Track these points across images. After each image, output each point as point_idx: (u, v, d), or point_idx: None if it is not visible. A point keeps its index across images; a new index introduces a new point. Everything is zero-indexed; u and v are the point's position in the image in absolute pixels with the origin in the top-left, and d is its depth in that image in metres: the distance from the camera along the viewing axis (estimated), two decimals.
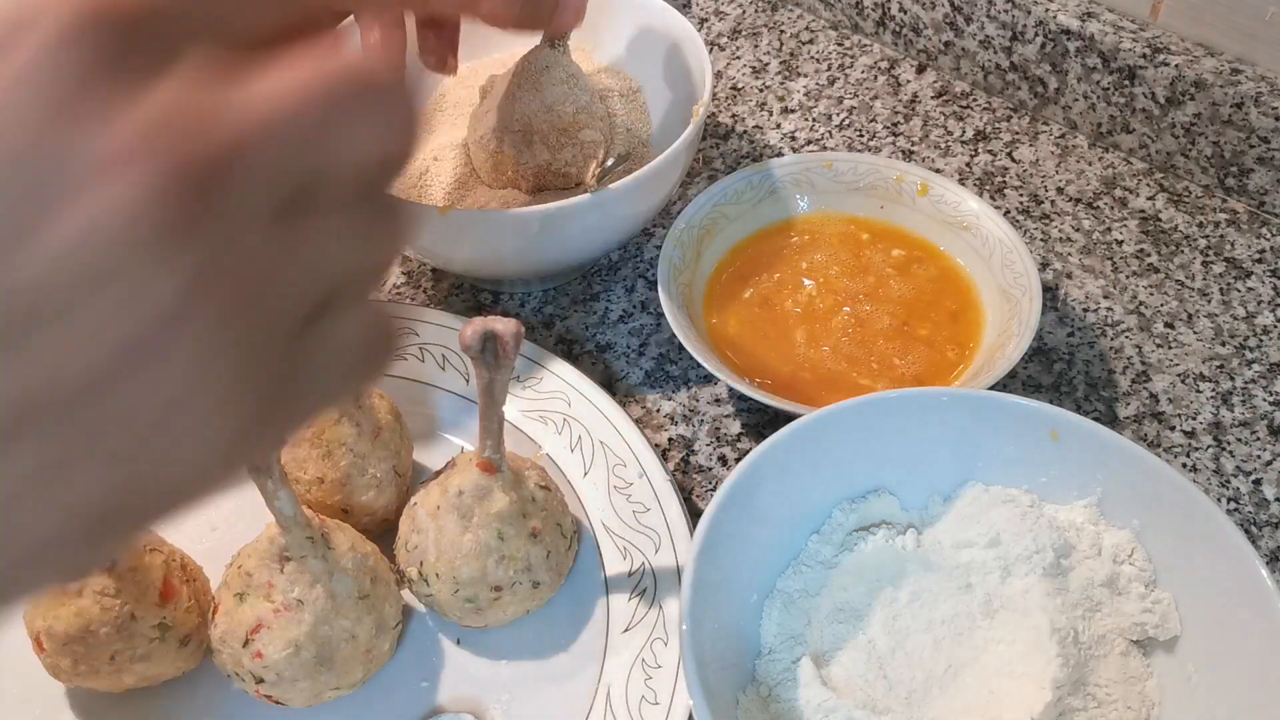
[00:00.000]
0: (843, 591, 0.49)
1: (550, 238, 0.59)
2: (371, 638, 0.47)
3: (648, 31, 0.70)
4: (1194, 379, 0.63)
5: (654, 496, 0.54)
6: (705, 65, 0.64)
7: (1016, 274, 0.61)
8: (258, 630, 0.45)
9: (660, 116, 0.70)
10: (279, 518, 0.44)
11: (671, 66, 0.69)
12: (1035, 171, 0.75)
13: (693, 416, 0.62)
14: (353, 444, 0.51)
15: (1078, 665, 0.46)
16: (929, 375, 0.60)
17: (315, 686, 0.46)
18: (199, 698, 0.50)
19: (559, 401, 0.59)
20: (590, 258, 0.66)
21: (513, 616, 0.51)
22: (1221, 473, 0.59)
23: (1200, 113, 0.70)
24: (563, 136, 0.64)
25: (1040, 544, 0.49)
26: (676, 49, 0.68)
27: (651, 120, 0.71)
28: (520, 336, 0.44)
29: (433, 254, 0.61)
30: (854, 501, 0.51)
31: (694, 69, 0.66)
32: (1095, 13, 0.74)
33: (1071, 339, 0.65)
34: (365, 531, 0.51)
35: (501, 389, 0.46)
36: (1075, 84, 0.75)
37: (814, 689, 0.45)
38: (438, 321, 0.62)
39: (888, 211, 0.67)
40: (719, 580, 0.46)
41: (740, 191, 0.66)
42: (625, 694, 0.49)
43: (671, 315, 0.58)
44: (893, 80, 0.83)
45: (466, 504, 0.48)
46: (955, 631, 0.47)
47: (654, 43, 0.70)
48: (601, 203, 0.58)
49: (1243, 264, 0.69)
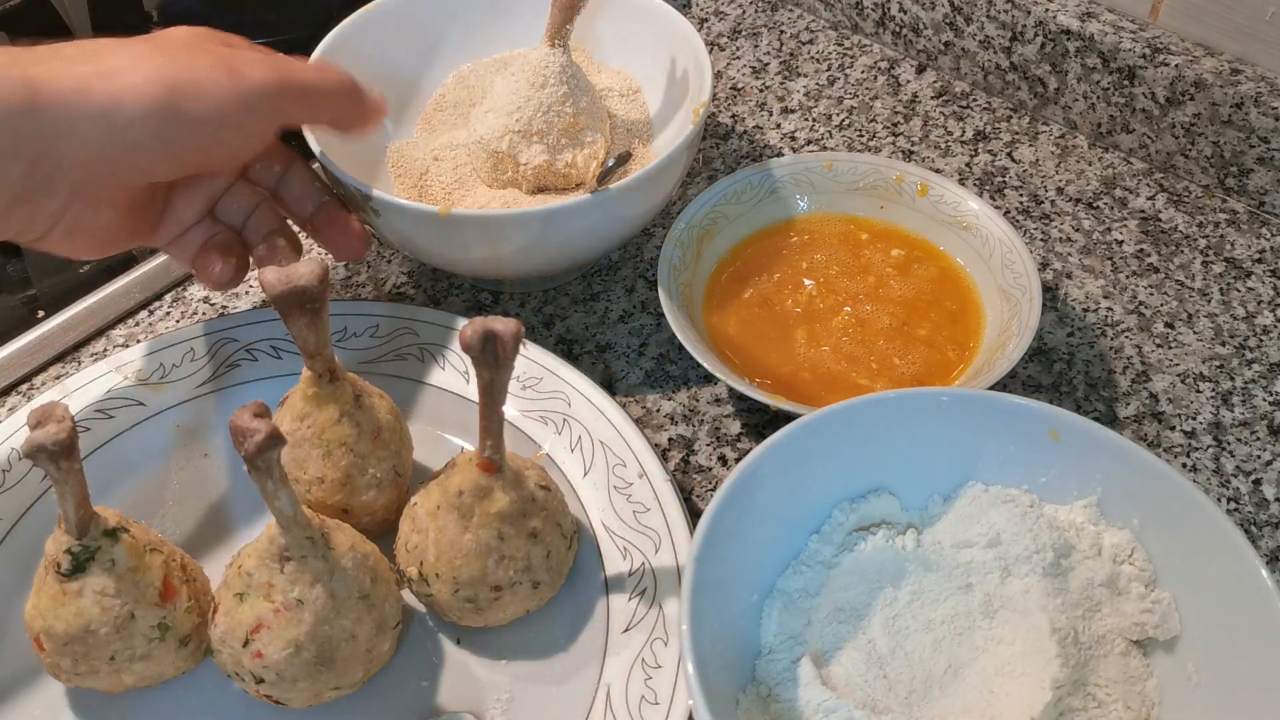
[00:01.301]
0: (843, 591, 0.49)
1: (550, 238, 0.59)
2: (371, 638, 0.47)
3: (648, 32, 0.70)
4: (1194, 379, 0.63)
5: (654, 496, 0.54)
6: (705, 66, 0.64)
7: (1016, 274, 0.61)
8: (258, 630, 0.45)
9: (660, 117, 0.70)
10: (279, 518, 0.44)
11: (672, 67, 0.69)
12: (1035, 171, 0.75)
13: (693, 416, 0.62)
14: (353, 444, 0.51)
15: (1078, 665, 0.46)
16: (929, 375, 0.60)
17: (315, 686, 0.46)
18: (199, 698, 0.50)
19: (559, 401, 0.59)
20: (590, 258, 0.66)
21: (513, 616, 0.51)
22: (1221, 473, 0.59)
23: (1200, 113, 0.70)
24: (563, 137, 0.64)
25: (1040, 544, 0.49)
26: (677, 50, 0.68)
27: (652, 120, 0.71)
28: (520, 336, 0.44)
29: (432, 255, 0.61)
30: (854, 501, 0.51)
31: (694, 70, 0.66)
32: (1095, 13, 0.74)
33: (1071, 339, 0.65)
34: (365, 531, 0.51)
35: (501, 389, 0.46)
36: (1075, 84, 0.75)
37: (814, 689, 0.45)
38: (438, 321, 0.62)
39: (888, 212, 0.67)
40: (719, 580, 0.46)
41: (740, 192, 0.66)
42: (625, 694, 0.49)
43: (671, 315, 0.58)
44: (893, 80, 0.83)
45: (466, 504, 0.48)
46: (955, 631, 0.47)
47: (654, 43, 0.70)
48: (601, 203, 0.58)
49: (1243, 264, 0.69)
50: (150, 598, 0.46)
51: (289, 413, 0.52)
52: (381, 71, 0.68)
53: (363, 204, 0.58)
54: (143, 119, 0.46)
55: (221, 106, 0.48)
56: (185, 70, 0.48)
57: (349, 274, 0.70)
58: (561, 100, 0.63)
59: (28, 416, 0.44)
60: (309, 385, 0.51)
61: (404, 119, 0.72)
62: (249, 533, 0.52)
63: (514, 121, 0.63)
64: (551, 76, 0.63)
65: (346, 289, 0.69)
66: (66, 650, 0.46)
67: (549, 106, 0.63)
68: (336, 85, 0.54)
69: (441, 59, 0.73)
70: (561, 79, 0.63)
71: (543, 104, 0.63)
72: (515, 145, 0.64)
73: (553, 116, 0.63)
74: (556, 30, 0.63)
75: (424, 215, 0.57)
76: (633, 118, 0.70)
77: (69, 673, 0.47)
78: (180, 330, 0.63)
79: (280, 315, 0.49)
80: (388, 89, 0.69)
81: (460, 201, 0.66)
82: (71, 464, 0.43)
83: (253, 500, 0.44)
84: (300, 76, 0.52)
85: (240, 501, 0.57)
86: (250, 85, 0.49)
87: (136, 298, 0.68)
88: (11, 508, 0.55)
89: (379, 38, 0.69)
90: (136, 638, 0.46)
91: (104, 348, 0.66)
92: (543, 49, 0.63)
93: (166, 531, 0.55)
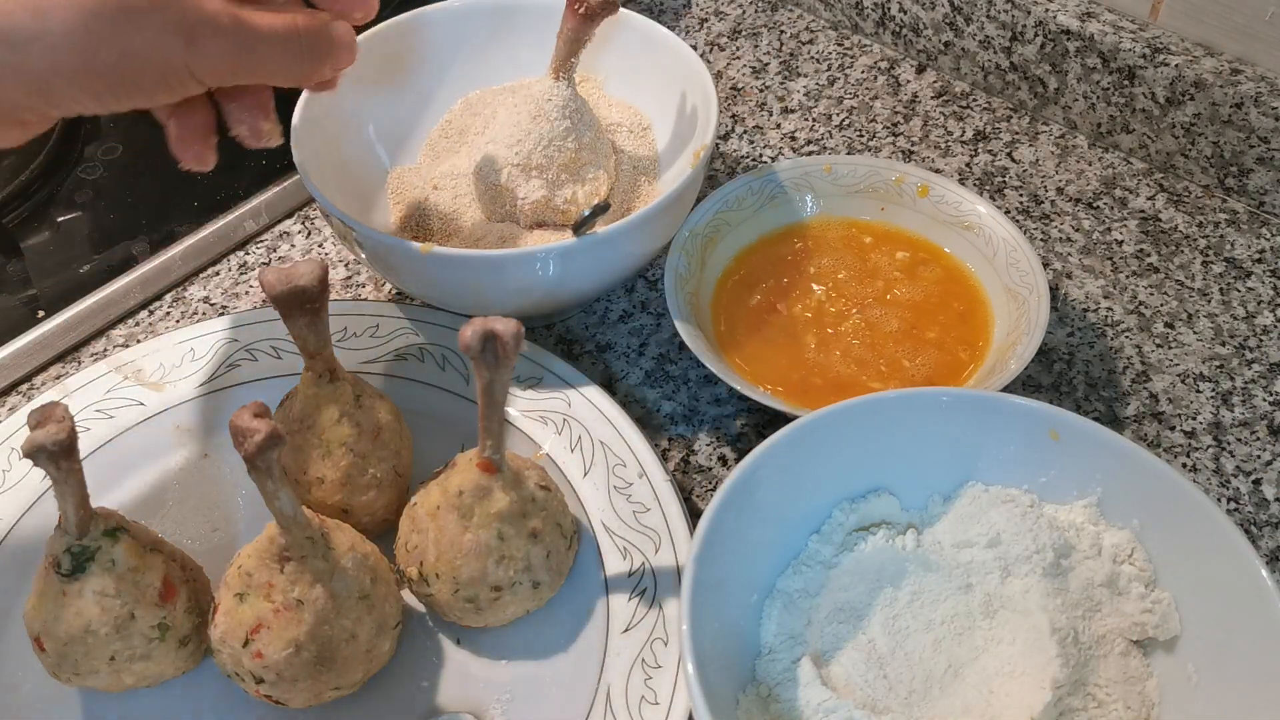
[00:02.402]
0: (843, 591, 0.49)
1: (537, 280, 0.57)
2: (371, 638, 0.47)
3: (659, 66, 0.68)
4: (1194, 379, 0.63)
5: (654, 496, 0.54)
6: (712, 105, 0.62)
7: (1022, 273, 0.61)
8: (258, 630, 0.45)
9: (669, 153, 0.68)
10: (279, 518, 0.44)
11: (681, 102, 0.67)
12: (1035, 171, 0.75)
13: (693, 416, 0.62)
14: (353, 444, 0.51)
15: (1078, 665, 0.46)
16: (939, 377, 0.59)
17: (315, 686, 0.46)
18: (199, 698, 0.50)
19: (559, 401, 0.59)
20: (582, 300, 0.64)
21: (513, 616, 0.51)
22: (1221, 473, 0.59)
23: (1200, 113, 0.70)
24: (563, 172, 0.62)
25: (1040, 544, 0.49)
26: (687, 85, 0.66)
27: (660, 157, 0.69)
28: (520, 336, 0.44)
29: (419, 291, 0.60)
30: (854, 501, 0.51)
31: (702, 107, 0.64)
32: (1095, 13, 0.74)
33: (1071, 339, 0.65)
34: (365, 531, 0.51)
35: (501, 389, 0.46)
36: (1075, 84, 0.75)
37: (814, 689, 0.45)
38: (438, 321, 0.62)
39: (888, 213, 0.67)
40: (719, 580, 0.46)
41: (741, 198, 0.66)
42: (625, 694, 0.49)
43: (685, 332, 0.58)
44: (893, 80, 0.83)
45: (466, 504, 0.48)
46: (955, 631, 0.47)
47: (665, 78, 0.68)
48: (588, 247, 0.56)
49: (1243, 264, 0.69)
50: (150, 598, 0.46)
51: (289, 413, 0.52)
52: (385, 92, 0.68)
53: (347, 235, 0.58)
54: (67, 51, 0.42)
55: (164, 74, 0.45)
56: None
57: (349, 274, 0.70)
58: (563, 135, 0.61)
59: (28, 416, 0.44)
60: (309, 385, 0.51)
61: (409, 143, 0.70)
62: (249, 533, 0.52)
63: (513, 154, 0.62)
64: (554, 110, 0.61)
65: (346, 289, 0.69)
66: (66, 650, 0.46)
67: (550, 140, 0.61)
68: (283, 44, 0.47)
69: (450, 83, 0.72)
70: (564, 113, 0.61)
71: (543, 137, 0.61)
72: (514, 179, 0.62)
73: (553, 151, 0.61)
74: (561, 63, 0.61)
75: (406, 251, 0.56)
76: (640, 154, 0.68)
77: (69, 673, 0.47)
78: (180, 330, 0.63)
79: (280, 315, 0.49)
80: (393, 112, 0.69)
81: (456, 234, 0.64)
82: (71, 464, 0.43)
83: (253, 500, 0.44)
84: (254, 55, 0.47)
85: (240, 501, 0.57)
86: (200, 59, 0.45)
87: (136, 298, 0.68)
88: (11, 508, 0.55)
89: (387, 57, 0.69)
90: (136, 638, 0.46)
91: (104, 348, 0.66)
92: (547, 81, 0.62)
93: (166, 531, 0.54)
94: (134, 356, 0.61)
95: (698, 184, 0.61)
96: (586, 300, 0.65)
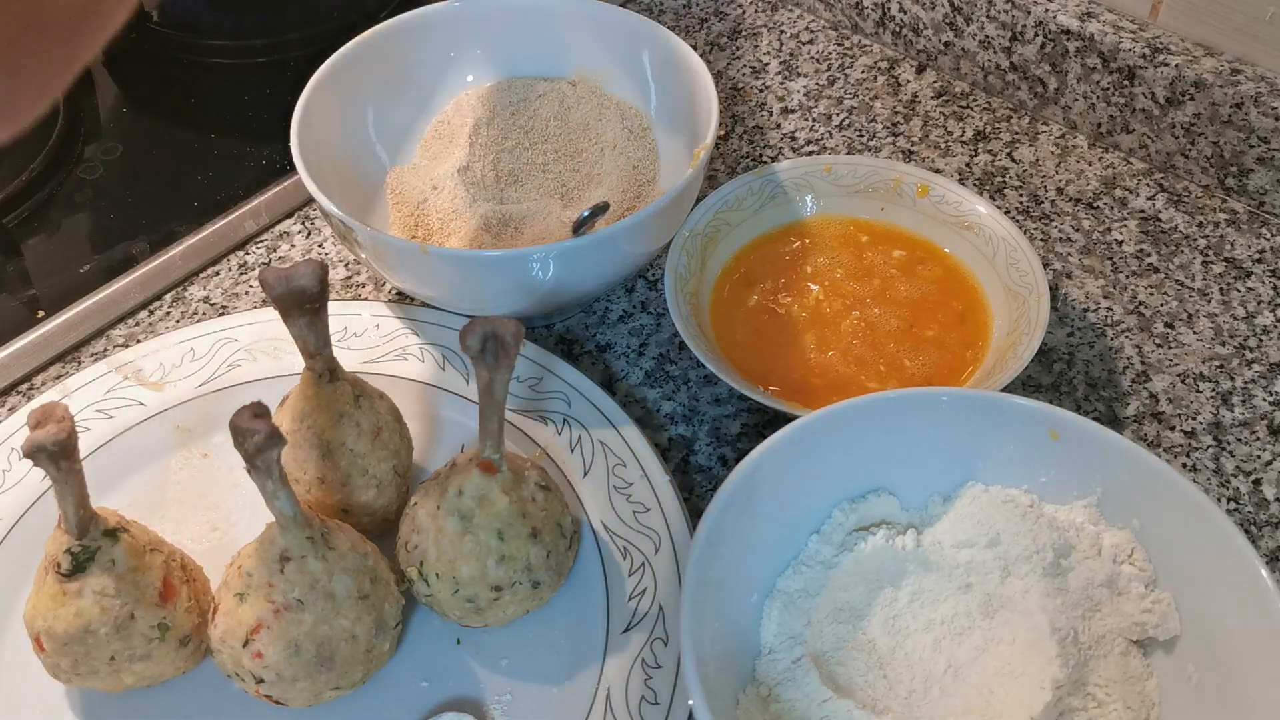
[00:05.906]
0: (843, 591, 0.49)
1: (538, 279, 0.57)
2: (371, 638, 0.47)
3: (657, 65, 0.68)
4: (1194, 379, 0.63)
5: (654, 496, 0.54)
6: (713, 107, 0.62)
7: (1022, 272, 0.61)
8: (258, 630, 0.45)
9: (669, 153, 0.69)
10: (279, 518, 0.44)
11: (680, 102, 0.67)
12: (1035, 171, 0.75)
13: (693, 416, 0.62)
14: (353, 444, 0.51)
15: (1077, 665, 0.46)
16: (939, 377, 0.60)
17: (315, 686, 0.46)
18: (199, 698, 0.50)
19: (559, 401, 0.59)
20: (583, 299, 0.64)
21: (513, 616, 0.51)
22: (1221, 473, 0.59)
23: (1200, 113, 0.70)
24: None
25: (1040, 544, 0.49)
26: (684, 84, 0.66)
27: (660, 157, 0.69)
28: (520, 336, 0.44)
29: (420, 290, 0.60)
30: (854, 501, 0.51)
31: (704, 109, 0.64)
32: (1095, 13, 0.74)
33: (1071, 339, 0.65)
34: (365, 531, 0.51)
35: (501, 389, 0.46)
36: (1075, 84, 0.75)
37: (814, 689, 0.45)
38: (438, 321, 0.62)
39: (888, 213, 0.67)
40: (719, 580, 0.46)
41: (741, 198, 0.66)
42: (625, 694, 0.49)
43: (685, 332, 0.58)
44: (892, 80, 0.83)
45: (466, 504, 0.48)
46: (955, 631, 0.47)
47: (663, 77, 0.68)
48: (588, 247, 0.56)
49: (1243, 264, 0.69)
50: (150, 598, 0.46)
51: (289, 413, 0.52)
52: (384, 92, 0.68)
53: (347, 234, 0.58)
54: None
55: None
56: None
57: (349, 274, 0.70)
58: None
59: (28, 416, 0.44)
60: (309, 385, 0.51)
61: (409, 143, 0.70)
62: (249, 533, 0.52)
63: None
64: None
65: (346, 289, 0.69)
66: (66, 650, 0.46)
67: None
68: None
69: (449, 83, 0.72)
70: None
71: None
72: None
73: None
74: None
75: (406, 251, 0.56)
76: (640, 154, 0.69)
77: (69, 673, 0.47)
78: (180, 330, 0.63)
79: (280, 315, 0.49)
80: (393, 112, 0.70)
81: (455, 234, 0.64)
82: (71, 464, 0.43)
83: (253, 500, 0.44)
84: None
85: (240, 501, 0.57)
86: None
87: (136, 298, 0.68)
88: (11, 508, 0.55)
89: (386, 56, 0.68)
90: (136, 638, 0.46)
91: (104, 348, 0.66)
92: None
93: (166, 531, 0.54)
94: (134, 356, 0.61)
95: (698, 184, 0.61)
96: (586, 300, 0.65)
